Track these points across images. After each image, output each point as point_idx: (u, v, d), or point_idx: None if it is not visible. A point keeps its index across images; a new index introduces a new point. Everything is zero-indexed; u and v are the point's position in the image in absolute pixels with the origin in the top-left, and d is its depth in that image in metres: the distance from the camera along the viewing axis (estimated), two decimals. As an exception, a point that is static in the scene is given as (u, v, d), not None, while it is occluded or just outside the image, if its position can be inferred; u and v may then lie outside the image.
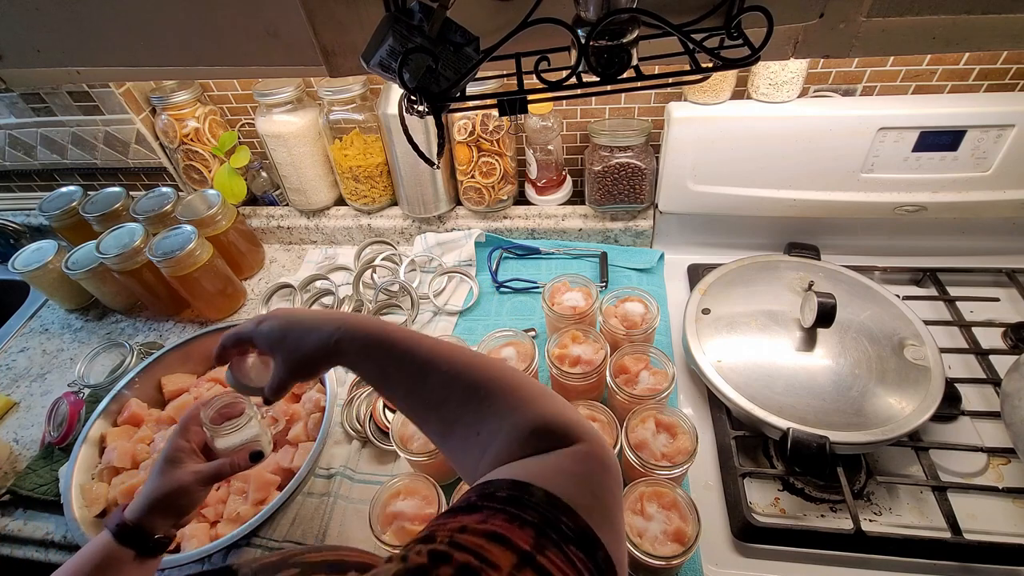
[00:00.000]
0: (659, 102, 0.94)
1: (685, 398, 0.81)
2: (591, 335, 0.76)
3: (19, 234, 1.23)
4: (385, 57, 0.42)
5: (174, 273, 0.92)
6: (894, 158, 0.84)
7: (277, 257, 1.15)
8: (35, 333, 1.07)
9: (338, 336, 0.48)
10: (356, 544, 0.68)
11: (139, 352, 0.93)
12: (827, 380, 0.71)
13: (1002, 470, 0.69)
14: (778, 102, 0.85)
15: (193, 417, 0.59)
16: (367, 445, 0.79)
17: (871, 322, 0.76)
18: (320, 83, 0.97)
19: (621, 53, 0.43)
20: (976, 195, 0.85)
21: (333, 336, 0.48)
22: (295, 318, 0.52)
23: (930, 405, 0.67)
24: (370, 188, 1.07)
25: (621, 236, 1.03)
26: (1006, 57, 0.83)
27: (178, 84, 1.03)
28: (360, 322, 0.49)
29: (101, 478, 0.74)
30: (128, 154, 1.12)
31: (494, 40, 0.43)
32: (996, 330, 0.83)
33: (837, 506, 0.67)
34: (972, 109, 0.79)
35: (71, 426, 0.81)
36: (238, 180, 1.08)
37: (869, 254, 0.94)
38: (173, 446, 0.57)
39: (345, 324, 0.49)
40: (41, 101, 1.06)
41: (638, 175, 0.95)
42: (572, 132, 1.02)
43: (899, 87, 0.88)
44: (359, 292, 0.99)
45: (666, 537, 0.56)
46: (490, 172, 1.00)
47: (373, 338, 0.47)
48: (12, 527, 0.76)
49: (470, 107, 0.49)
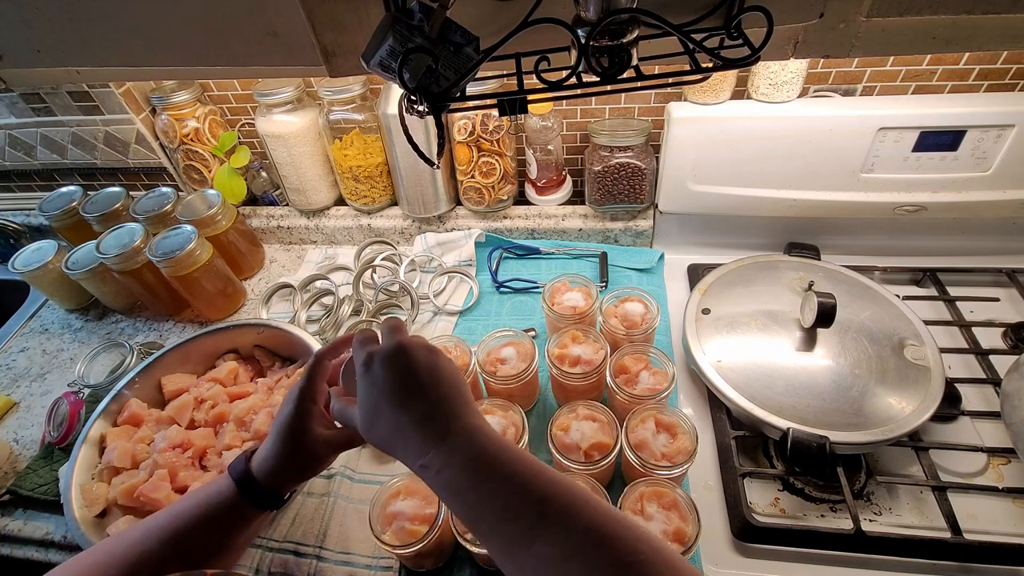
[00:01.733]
0: (659, 102, 0.94)
1: (685, 398, 0.81)
2: (591, 335, 0.76)
3: (19, 234, 1.23)
4: (385, 57, 0.42)
5: (174, 273, 0.92)
6: (894, 158, 0.84)
7: (277, 257, 1.15)
8: (35, 333, 1.07)
9: (427, 460, 0.40)
10: (356, 544, 0.69)
11: (139, 352, 0.93)
12: (827, 380, 0.71)
13: (1002, 470, 0.69)
14: (778, 102, 0.85)
15: (321, 372, 0.52)
16: (367, 445, 0.79)
17: (871, 322, 0.76)
18: (320, 83, 0.97)
19: (621, 53, 0.43)
20: (976, 195, 0.85)
21: (422, 455, 0.40)
22: (411, 386, 0.43)
23: (930, 405, 0.67)
24: (370, 188, 1.07)
25: (621, 236, 1.03)
26: (1006, 57, 0.83)
27: (178, 84, 1.03)
28: (471, 445, 0.40)
29: (101, 478, 0.74)
30: (128, 154, 1.12)
31: (494, 40, 0.43)
32: (996, 330, 0.83)
33: (837, 506, 0.67)
34: (972, 109, 0.79)
35: (71, 426, 0.81)
36: (238, 180, 1.08)
37: (869, 254, 0.94)
38: (300, 410, 0.50)
39: (453, 442, 0.40)
40: (41, 101, 1.06)
41: (638, 175, 0.95)
42: (572, 132, 1.02)
43: (899, 87, 0.88)
44: (359, 292, 0.99)
45: (666, 537, 0.56)
46: (490, 172, 1.00)
47: (477, 475, 0.39)
48: (12, 527, 0.76)
49: (470, 107, 0.49)
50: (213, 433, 0.79)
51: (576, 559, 0.34)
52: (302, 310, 0.98)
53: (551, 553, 0.34)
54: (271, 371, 0.87)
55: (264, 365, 0.88)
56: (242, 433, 0.78)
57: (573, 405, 0.68)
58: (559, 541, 0.35)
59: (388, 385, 0.44)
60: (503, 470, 0.38)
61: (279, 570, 0.67)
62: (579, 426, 0.65)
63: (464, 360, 0.76)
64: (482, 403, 0.70)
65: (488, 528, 0.38)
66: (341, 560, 0.68)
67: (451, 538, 0.64)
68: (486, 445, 0.40)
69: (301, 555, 0.68)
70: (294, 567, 0.67)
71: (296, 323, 0.94)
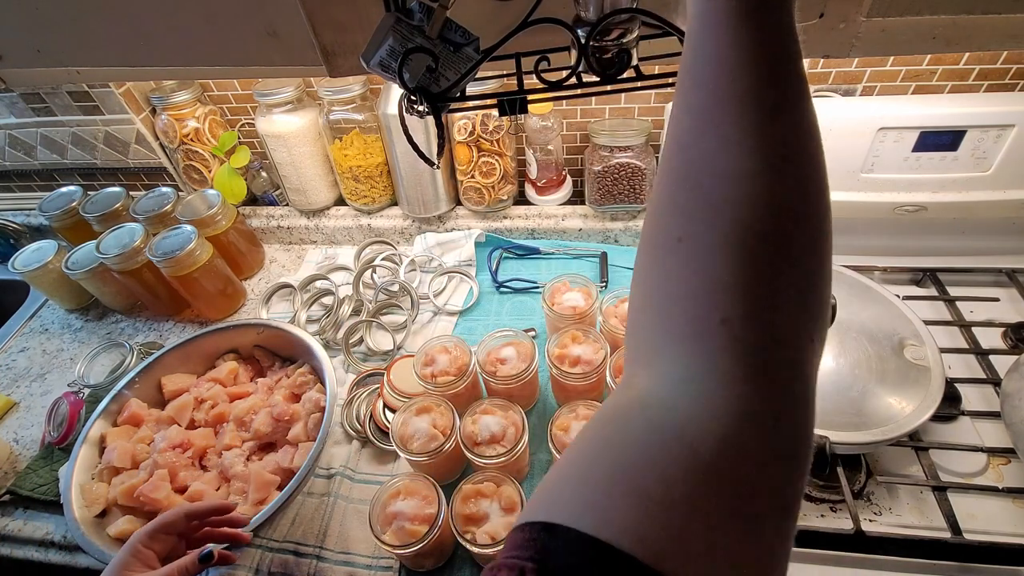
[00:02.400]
0: (659, 102, 0.94)
1: (685, 398, 0.81)
2: (591, 335, 0.76)
3: (19, 234, 1.23)
4: (385, 57, 0.42)
5: (174, 273, 0.92)
6: (894, 158, 0.84)
7: (277, 257, 1.15)
8: (35, 333, 1.07)
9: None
10: (356, 544, 0.69)
11: (139, 352, 0.93)
12: (827, 380, 0.71)
13: (1002, 470, 0.69)
14: (778, 102, 0.85)
15: (167, 524, 0.57)
16: (367, 445, 0.79)
17: (871, 322, 0.76)
18: (320, 83, 0.97)
19: (621, 53, 0.43)
20: (976, 195, 0.85)
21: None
22: None
23: (930, 405, 0.67)
24: (370, 188, 1.07)
25: (621, 236, 1.03)
26: (1006, 57, 0.83)
27: (178, 84, 1.03)
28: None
29: (101, 478, 0.74)
30: (128, 154, 1.12)
31: (494, 40, 0.43)
32: (996, 330, 0.83)
33: (837, 506, 0.67)
34: (972, 109, 0.79)
35: (71, 426, 0.81)
36: (238, 180, 1.08)
37: (869, 254, 0.94)
38: (131, 551, 0.54)
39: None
40: (41, 101, 1.06)
41: (638, 175, 0.95)
42: (572, 132, 1.02)
43: (899, 87, 0.88)
44: (359, 292, 0.99)
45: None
46: (490, 172, 1.00)
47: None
48: (12, 527, 0.76)
49: (470, 107, 0.49)
50: (213, 433, 0.79)
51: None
52: (302, 310, 0.98)
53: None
54: (271, 371, 0.87)
55: (264, 365, 0.88)
56: (242, 433, 0.78)
57: (573, 405, 0.68)
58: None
59: None
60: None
61: (279, 570, 0.67)
62: (579, 426, 0.65)
63: (464, 360, 0.76)
64: (482, 403, 0.70)
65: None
66: (341, 560, 0.68)
67: (451, 538, 0.64)
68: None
69: (301, 555, 0.68)
70: (294, 567, 0.67)
71: (296, 323, 0.94)
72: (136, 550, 0.55)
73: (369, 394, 0.82)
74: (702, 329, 0.23)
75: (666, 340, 0.25)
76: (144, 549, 0.55)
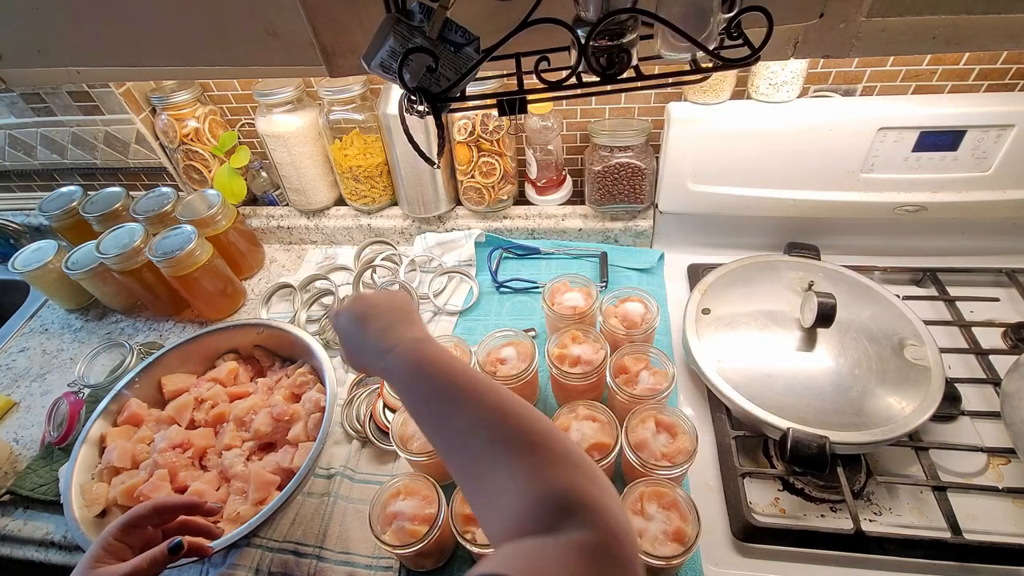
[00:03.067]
0: (659, 102, 0.94)
1: (685, 398, 0.81)
2: (591, 335, 0.76)
3: (19, 234, 1.23)
4: (386, 58, 0.43)
5: (174, 273, 0.92)
6: (894, 158, 0.84)
7: (277, 257, 1.15)
8: (35, 333, 1.07)
9: (385, 364, 0.49)
10: (356, 544, 0.69)
11: (139, 352, 0.93)
12: (827, 380, 0.71)
13: (1002, 470, 0.69)
14: (778, 102, 0.85)
15: (136, 517, 0.56)
16: (367, 445, 0.79)
17: (871, 322, 0.76)
18: (320, 83, 0.97)
19: (621, 53, 0.43)
20: (976, 195, 0.85)
21: (381, 361, 0.49)
22: (367, 317, 0.54)
23: (930, 405, 0.67)
24: (370, 188, 1.07)
25: (621, 236, 1.03)
26: (1006, 57, 0.83)
27: (178, 84, 1.03)
28: (414, 350, 0.48)
29: (101, 478, 0.74)
30: (128, 154, 1.12)
31: (494, 40, 0.43)
32: (996, 330, 0.83)
33: (837, 506, 0.67)
34: (972, 109, 0.79)
35: (71, 426, 0.81)
36: (238, 180, 1.08)
37: (869, 254, 0.94)
38: (102, 544, 0.54)
39: (399, 348, 0.48)
40: (41, 101, 1.06)
41: (638, 175, 0.95)
42: (572, 132, 1.02)
43: (899, 87, 0.88)
44: (359, 292, 0.99)
45: (666, 537, 0.56)
46: (490, 172, 1.00)
47: (415, 369, 0.46)
48: (12, 527, 0.76)
49: (470, 107, 0.49)
50: (213, 433, 0.79)
51: (483, 429, 0.40)
52: (302, 310, 0.98)
53: (463, 426, 0.41)
54: (271, 371, 0.87)
55: (264, 365, 0.88)
56: (242, 433, 0.78)
57: (573, 405, 0.68)
58: (470, 414, 0.41)
59: (351, 320, 0.55)
60: (442, 366, 0.46)
61: (279, 570, 0.67)
62: (579, 426, 0.65)
63: (464, 360, 0.76)
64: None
65: (428, 413, 0.44)
66: (341, 560, 0.68)
67: (451, 538, 0.64)
68: (429, 348, 0.48)
69: (301, 555, 0.68)
70: (294, 567, 0.67)
71: (296, 323, 0.94)
72: (107, 543, 0.55)
73: (369, 394, 0.83)
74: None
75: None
76: (115, 542, 0.55)
